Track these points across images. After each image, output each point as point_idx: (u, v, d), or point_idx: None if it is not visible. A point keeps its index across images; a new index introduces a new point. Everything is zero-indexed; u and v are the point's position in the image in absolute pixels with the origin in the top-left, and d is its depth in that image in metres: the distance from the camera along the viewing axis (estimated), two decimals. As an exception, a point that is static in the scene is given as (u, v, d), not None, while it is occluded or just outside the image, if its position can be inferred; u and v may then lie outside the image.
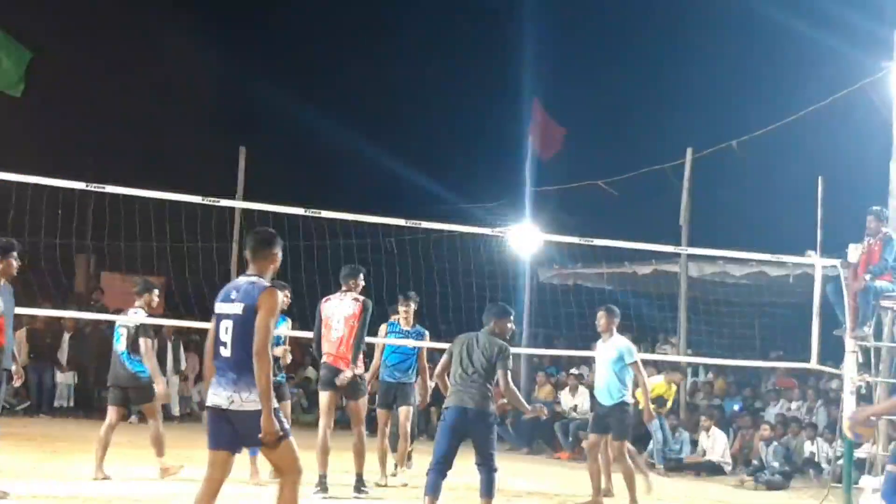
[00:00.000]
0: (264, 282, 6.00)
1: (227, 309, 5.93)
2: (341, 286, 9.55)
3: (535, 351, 17.01)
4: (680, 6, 27.16)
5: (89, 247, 21.18)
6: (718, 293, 17.60)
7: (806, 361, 11.39)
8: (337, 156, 29.59)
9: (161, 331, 16.91)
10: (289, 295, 10.07)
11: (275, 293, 5.92)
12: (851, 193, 14.34)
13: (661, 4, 29.33)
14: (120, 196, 11.17)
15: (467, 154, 30.11)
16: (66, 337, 17.22)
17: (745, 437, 14.50)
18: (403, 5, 33.10)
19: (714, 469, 13.77)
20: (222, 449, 5.96)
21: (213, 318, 6.02)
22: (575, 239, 12.47)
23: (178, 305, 15.83)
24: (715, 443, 14.00)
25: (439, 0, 32.32)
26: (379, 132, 28.29)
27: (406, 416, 10.79)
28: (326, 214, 10.62)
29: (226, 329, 5.88)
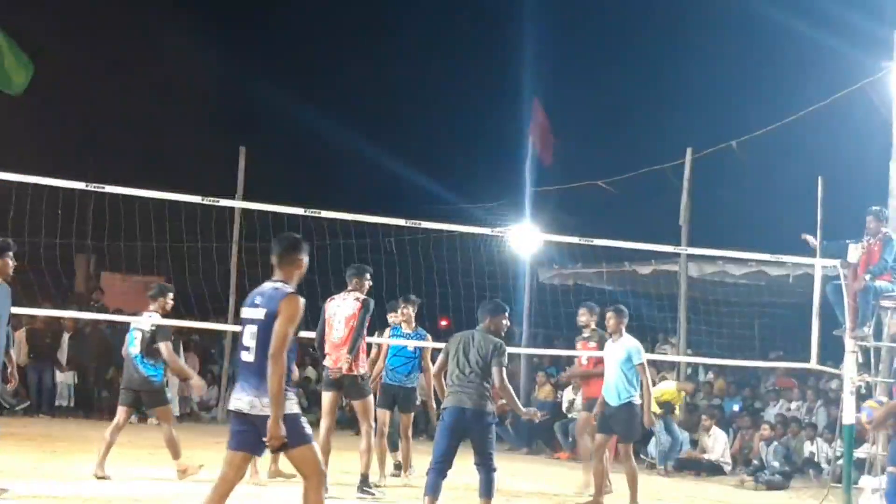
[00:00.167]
0: (288, 288, 5.98)
1: (252, 314, 5.96)
2: (347, 286, 9.53)
3: (535, 351, 17.01)
4: (680, 6, 27.17)
5: (89, 247, 21.19)
6: (718, 293, 17.60)
7: (806, 361, 11.39)
8: (337, 156, 29.62)
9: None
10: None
11: (295, 299, 5.90)
12: (851, 193, 14.34)
13: (661, 4, 29.36)
14: (120, 196, 11.17)
15: (467, 154, 30.14)
16: (66, 337, 17.21)
17: (745, 437, 14.51)
18: (403, 5, 33.13)
19: (714, 469, 13.78)
20: (242, 450, 5.98)
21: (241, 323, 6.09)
22: (575, 239, 12.46)
23: (178, 305, 15.78)
24: (715, 442, 14.00)
25: (439, 0, 32.34)
26: (379, 132, 28.32)
27: (408, 422, 10.81)
28: (326, 214, 10.61)
29: (250, 334, 5.92)
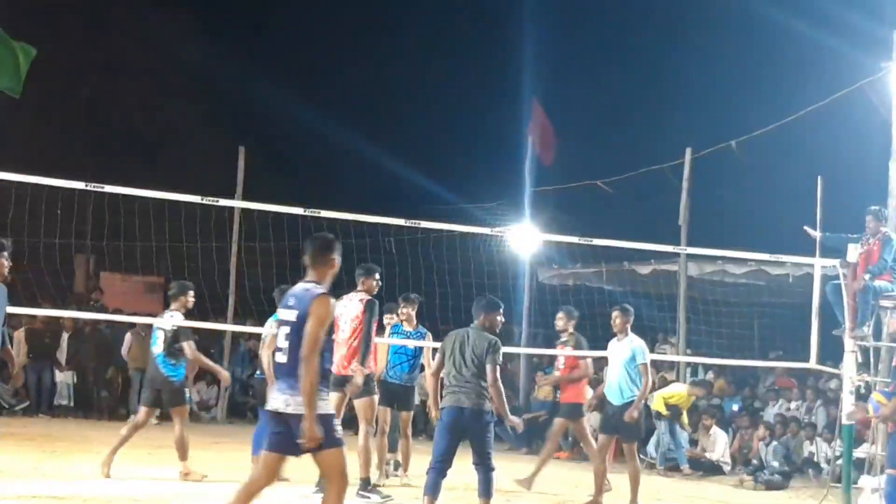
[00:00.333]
0: (319, 289, 6.01)
1: (285, 315, 6.03)
2: (354, 286, 9.53)
3: (535, 351, 17.00)
4: (680, 6, 27.20)
5: (89, 246, 21.20)
6: (717, 293, 17.59)
7: (805, 361, 11.38)
8: (337, 156, 29.64)
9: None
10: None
11: (326, 300, 5.93)
12: (851, 193, 14.34)
13: (661, 4, 29.37)
14: (119, 196, 11.17)
15: (467, 154, 30.16)
16: (65, 337, 17.20)
17: (745, 437, 14.51)
18: (403, 5, 33.14)
19: (714, 469, 13.78)
20: (277, 452, 6.01)
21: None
22: (574, 239, 12.45)
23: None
24: (716, 442, 14.01)
25: (439, 0, 32.36)
26: (379, 132, 28.35)
27: (407, 421, 10.81)
28: (326, 214, 10.61)
29: (284, 335, 6.00)
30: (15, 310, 9.14)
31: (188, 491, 9.34)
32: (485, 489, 7.92)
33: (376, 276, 9.55)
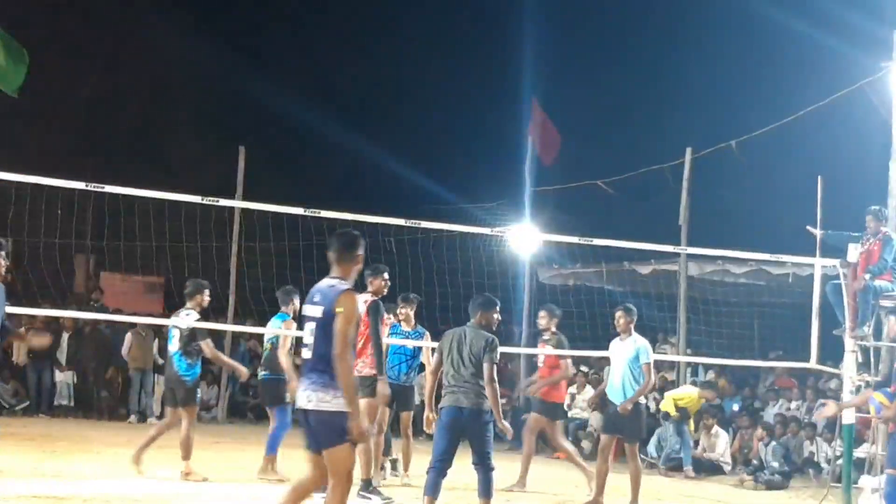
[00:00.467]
0: (343, 285, 6.02)
1: (310, 312, 6.04)
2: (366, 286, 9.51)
3: (535, 351, 16.95)
4: (680, 6, 27.20)
5: (88, 246, 21.21)
6: (718, 293, 17.59)
7: (805, 361, 11.38)
8: (337, 156, 29.63)
9: (161, 330, 16.91)
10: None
11: (351, 296, 5.93)
12: (851, 193, 14.34)
13: (661, 4, 29.37)
14: (119, 196, 11.17)
15: (467, 154, 30.16)
16: (66, 337, 17.19)
17: (745, 437, 14.51)
18: (403, 5, 33.12)
19: (714, 468, 13.78)
20: (312, 450, 6.00)
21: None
22: (574, 238, 12.43)
23: (178, 306, 15.81)
24: (717, 442, 14.00)
25: (439, 0, 32.36)
26: (379, 132, 28.34)
27: (407, 421, 10.79)
28: (326, 214, 10.59)
29: (309, 331, 6.00)
30: (15, 310, 9.13)
31: (188, 491, 9.34)
32: (484, 489, 7.90)
33: (384, 276, 9.53)
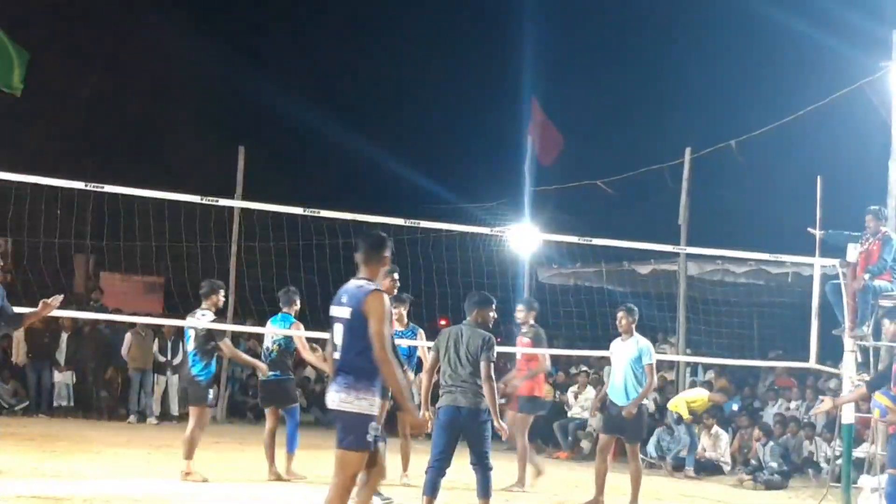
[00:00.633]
0: (371, 285, 6.01)
1: (338, 313, 6.03)
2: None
3: (534, 350, 16.95)
4: (680, 6, 27.21)
5: (88, 246, 21.20)
6: (717, 292, 17.59)
7: (805, 361, 11.38)
8: (337, 155, 29.65)
9: (161, 330, 16.92)
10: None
11: (380, 296, 5.92)
12: (851, 193, 14.35)
13: (661, 4, 29.38)
14: (119, 196, 11.15)
15: (467, 154, 30.19)
16: (65, 336, 17.16)
17: (744, 437, 14.50)
18: (403, 5, 33.13)
19: (713, 468, 13.78)
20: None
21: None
22: (574, 238, 12.41)
23: (178, 305, 15.82)
24: (717, 441, 14.00)
25: (439, 0, 32.37)
26: (379, 132, 28.37)
27: (405, 420, 10.77)
28: (325, 214, 10.60)
29: (338, 333, 6.00)
30: (14, 310, 9.11)
31: (188, 491, 9.34)
32: (483, 489, 7.89)
33: (394, 276, 9.51)
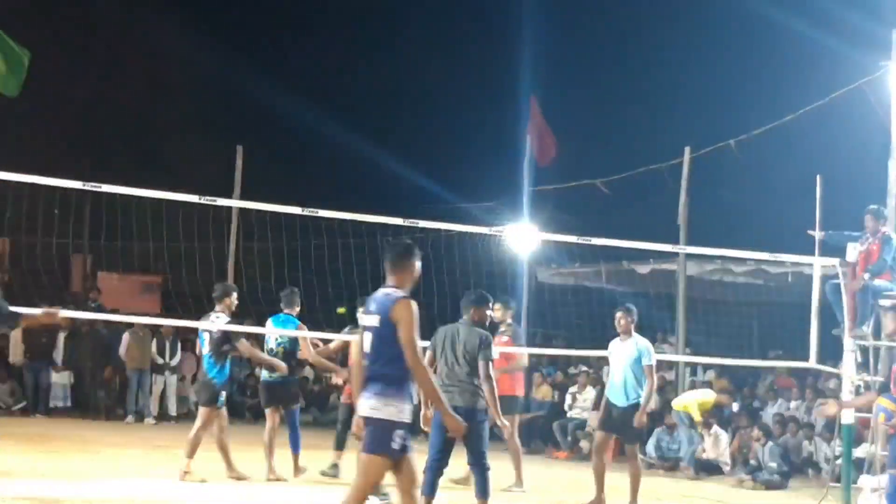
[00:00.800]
0: (398, 293, 6.05)
1: (368, 321, 6.08)
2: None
3: (534, 350, 16.95)
4: (678, 6, 27.20)
5: (86, 246, 21.18)
6: (717, 292, 17.58)
7: (805, 361, 11.36)
8: (335, 155, 29.63)
9: (159, 330, 16.90)
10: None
11: (407, 303, 5.96)
12: (850, 193, 14.32)
13: (660, 4, 29.36)
14: (117, 195, 11.15)
15: (465, 153, 30.17)
16: (62, 337, 17.15)
17: (744, 437, 14.48)
18: (403, 5, 33.10)
19: (713, 468, 13.76)
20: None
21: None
22: (573, 238, 12.39)
23: (176, 305, 15.82)
24: (717, 441, 13.99)
25: (439, 0, 32.36)
26: (378, 131, 28.35)
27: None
28: (324, 214, 10.58)
29: (367, 341, 6.04)
30: (13, 310, 9.08)
31: (187, 491, 9.33)
32: (481, 489, 7.88)
33: None
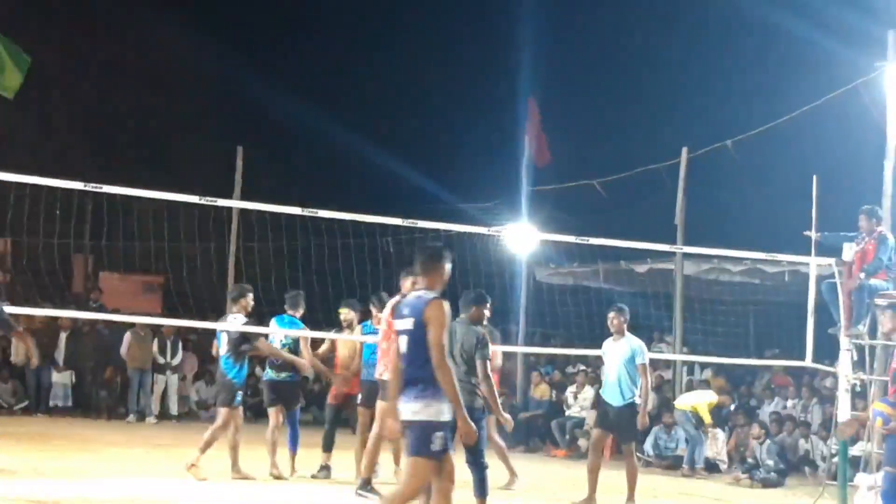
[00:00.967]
0: (430, 295, 6.13)
1: (401, 325, 6.18)
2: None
3: (532, 349, 17.04)
4: (676, 6, 27.24)
5: (87, 246, 21.23)
6: (714, 292, 17.63)
7: (801, 359, 11.42)
8: (335, 155, 29.64)
9: (160, 330, 16.96)
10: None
11: (440, 304, 6.03)
12: (846, 193, 14.38)
13: (658, 5, 29.41)
14: (118, 196, 11.20)
15: (464, 153, 30.17)
16: (63, 336, 17.19)
17: (741, 436, 14.55)
18: (402, 6, 33.12)
19: (710, 467, 13.83)
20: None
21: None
22: (571, 238, 12.45)
23: (176, 305, 15.87)
24: (715, 440, 14.05)
25: (439, 0, 32.37)
26: (377, 131, 28.37)
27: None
28: (324, 214, 10.63)
29: (403, 344, 6.14)
30: (14, 310, 9.16)
31: (187, 491, 9.38)
32: (479, 489, 7.91)
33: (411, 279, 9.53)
